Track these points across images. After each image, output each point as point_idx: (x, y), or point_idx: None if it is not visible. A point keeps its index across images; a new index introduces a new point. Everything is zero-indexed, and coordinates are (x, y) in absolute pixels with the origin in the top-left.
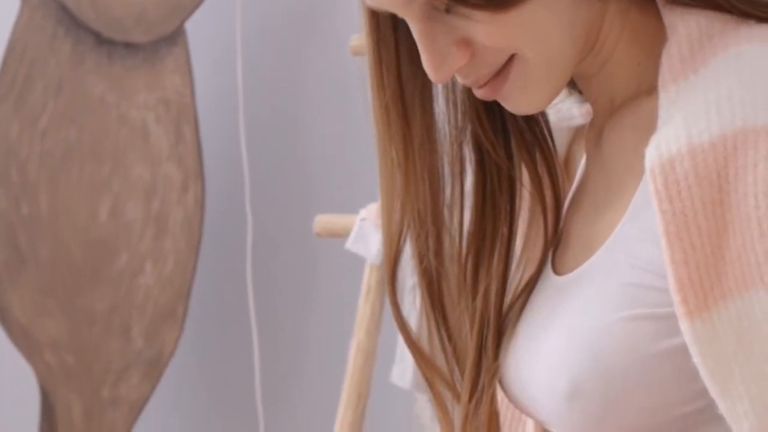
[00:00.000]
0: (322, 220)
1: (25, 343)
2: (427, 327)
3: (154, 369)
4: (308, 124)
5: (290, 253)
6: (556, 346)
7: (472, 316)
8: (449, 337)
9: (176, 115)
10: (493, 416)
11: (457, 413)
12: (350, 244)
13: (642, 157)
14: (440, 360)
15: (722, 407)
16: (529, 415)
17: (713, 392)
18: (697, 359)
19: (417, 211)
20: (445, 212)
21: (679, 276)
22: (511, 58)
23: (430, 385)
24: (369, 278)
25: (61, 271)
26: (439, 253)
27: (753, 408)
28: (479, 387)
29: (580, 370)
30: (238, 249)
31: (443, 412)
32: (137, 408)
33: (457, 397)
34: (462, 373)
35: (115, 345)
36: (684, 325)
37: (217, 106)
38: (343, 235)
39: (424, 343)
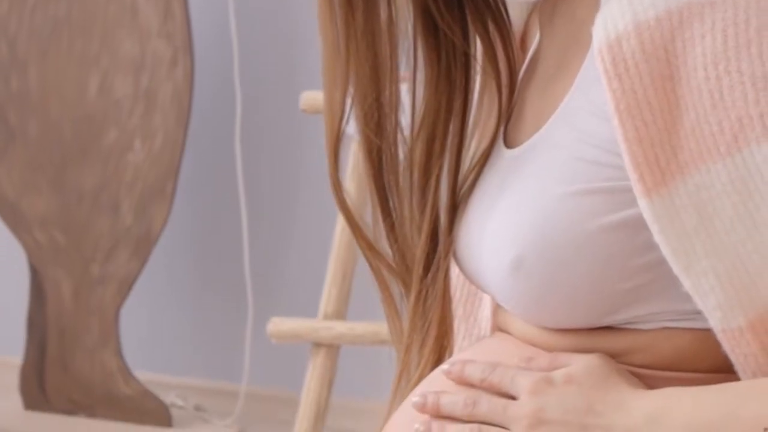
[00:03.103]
0: (309, 97)
1: (14, 220)
2: (373, 212)
3: (144, 246)
4: (297, 0)
5: (278, 128)
6: (502, 220)
7: (425, 191)
8: (399, 221)
9: None
10: (447, 291)
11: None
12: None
13: (589, 30)
14: (386, 245)
15: (686, 284)
16: (481, 289)
17: (676, 269)
18: (658, 237)
19: (360, 90)
20: (392, 89)
21: (633, 154)
22: None
23: (373, 269)
24: (356, 154)
25: (50, 147)
26: (383, 132)
27: (719, 282)
28: (434, 261)
29: (524, 243)
30: (227, 125)
31: (386, 293)
32: (126, 285)
33: (401, 282)
34: (412, 255)
35: (104, 222)
36: (642, 203)
37: None
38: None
39: (371, 229)
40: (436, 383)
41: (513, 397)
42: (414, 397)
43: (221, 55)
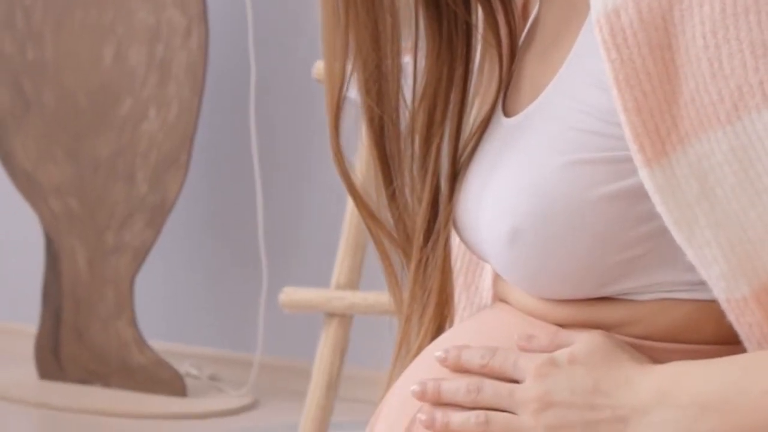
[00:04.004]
0: (323, 66)
1: (30, 189)
2: (375, 180)
3: (158, 215)
4: None
5: (292, 98)
6: (499, 190)
7: (426, 160)
8: (400, 189)
9: None
10: (447, 260)
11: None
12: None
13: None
14: (387, 215)
15: (689, 254)
16: (481, 258)
17: (679, 239)
18: (660, 208)
19: (360, 58)
20: (393, 58)
21: (633, 124)
22: None
23: (374, 237)
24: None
25: (65, 116)
26: (384, 101)
27: (722, 253)
28: (435, 230)
29: (521, 213)
30: (242, 94)
31: (386, 262)
32: (141, 255)
33: (401, 251)
34: (412, 224)
35: (119, 191)
36: (643, 173)
37: None
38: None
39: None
40: (426, 368)
41: (515, 382)
42: (412, 385)
43: (235, 24)
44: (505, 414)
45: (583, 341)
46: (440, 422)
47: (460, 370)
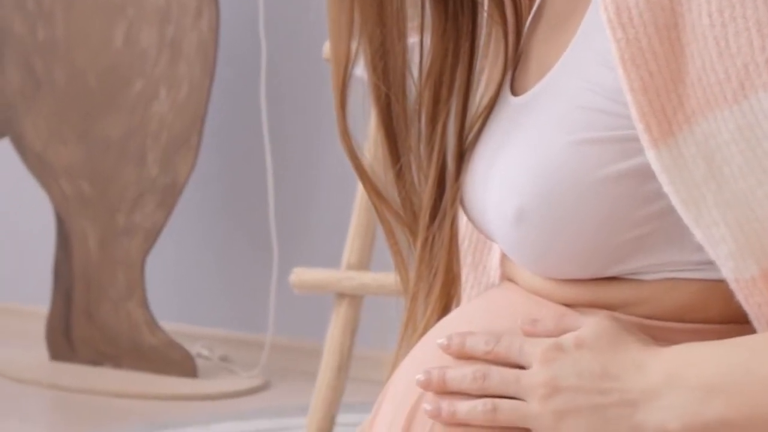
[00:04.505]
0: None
1: (41, 170)
2: (383, 156)
3: (169, 196)
4: None
5: (303, 78)
6: (506, 169)
7: (432, 137)
8: (406, 167)
9: None
10: (454, 240)
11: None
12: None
13: None
14: (394, 194)
15: (697, 234)
16: (488, 238)
17: (686, 219)
18: (667, 188)
19: (366, 36)
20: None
21: (639, 104)
22: None
23: (380, 216)
24: None
25: (76, 97)
26: (390, 79)
27: (730, 232)
28: (441, 209)
29: (527, 193)
30: (252, 75)
31: (392, 241)
32: (152, 236)
33: (408, 229)
34: (419, 203)
35: (130, 172)
36: (650, 153)
37: None
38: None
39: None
40: (433, 349)
41: (521, 368)
42: (417, 374)
43: (246, 4)
44: (512, 401)
45: (590, 325)
46: (446, 412)
47: (465, 356)
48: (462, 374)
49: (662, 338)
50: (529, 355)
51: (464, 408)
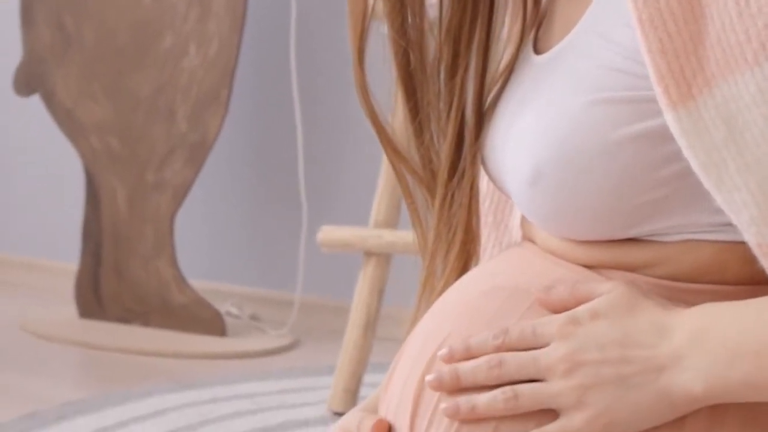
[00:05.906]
0: None
1: (71, 126)
2: (403, 113)
3: (198, 153)
4: None
5: (333, 35)
6: (524, 129)
7: (451, 92)
8: (425, 123)
9: None
10: (474, 198)
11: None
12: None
13: None
14: (414, 153)
15: (719, 199)
16: (508, 197)
17: (707, 184)
18: (687, 152)
19: None
20: None
21: (657, 66)
22: None
23: (398, 173)
24: None
25: (105, 53)
26: (408, 33)
27: (752, 197)
28: (460, 167)
29: (543, 153)
30: (282, 31)
31: (409, 199)
32: (181, 193)
33: (425, 187)
34: (438, 160)
35: (159, 129)
36: (669, 116)
37: None
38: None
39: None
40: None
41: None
42: (427, 375)
43: None
44: (532, 384)
45: (604, 294)
46: (465, 408)
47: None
48: (475, 365)
49: (679, 299)
50: (544, 334)
51: (484, 400)
